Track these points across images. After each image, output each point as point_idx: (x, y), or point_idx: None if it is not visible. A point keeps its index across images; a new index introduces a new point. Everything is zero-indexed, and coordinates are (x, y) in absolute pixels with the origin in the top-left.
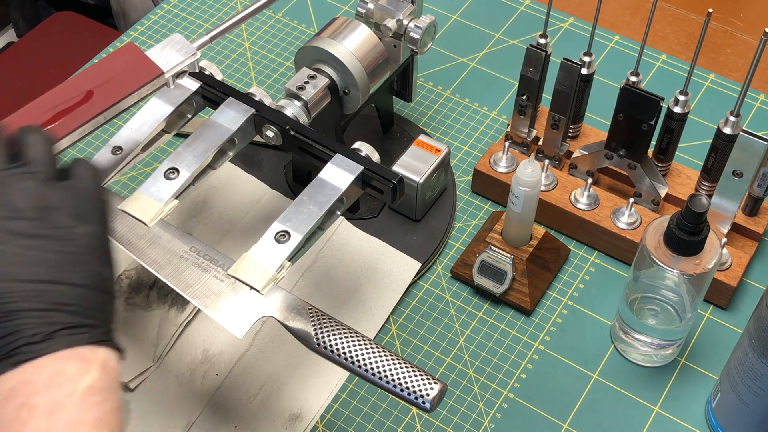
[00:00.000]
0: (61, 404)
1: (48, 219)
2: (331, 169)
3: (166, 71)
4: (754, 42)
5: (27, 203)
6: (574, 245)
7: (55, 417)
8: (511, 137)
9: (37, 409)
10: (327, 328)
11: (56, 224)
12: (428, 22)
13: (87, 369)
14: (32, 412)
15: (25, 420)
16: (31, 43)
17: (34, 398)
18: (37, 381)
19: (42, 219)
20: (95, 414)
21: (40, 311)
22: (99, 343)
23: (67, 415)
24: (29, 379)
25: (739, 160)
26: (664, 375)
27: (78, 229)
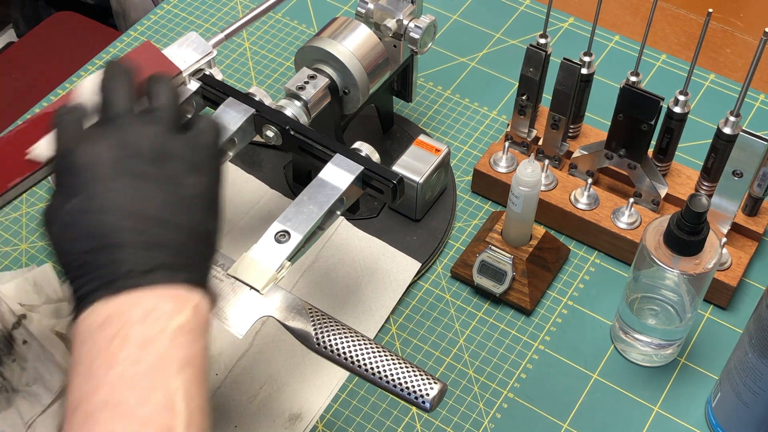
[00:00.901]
0: (153, 338)
1: (164, 164)
2: (331, 169)
3: (184, 69)
4: (754, 42)
5: (147, 146)
6: (574, 245)
7: (146, 350)
8: (511, 137)
9: (130, 339)
10: (327, 328)
11: (171, 170)
12: (428, 22)
13: (181, 309)
14: (125, 342)
15: (116, 349)
16: (31, 43)
17: (128, 329)
18: (132, 313)
19: (159, 163)
20: (184, 352)
21: (144, 247)
22: (194, 286)
23: (157, 350)
24: (125, 310)
25: (739, 160)
26: (664, 375)
27: (191, 179)
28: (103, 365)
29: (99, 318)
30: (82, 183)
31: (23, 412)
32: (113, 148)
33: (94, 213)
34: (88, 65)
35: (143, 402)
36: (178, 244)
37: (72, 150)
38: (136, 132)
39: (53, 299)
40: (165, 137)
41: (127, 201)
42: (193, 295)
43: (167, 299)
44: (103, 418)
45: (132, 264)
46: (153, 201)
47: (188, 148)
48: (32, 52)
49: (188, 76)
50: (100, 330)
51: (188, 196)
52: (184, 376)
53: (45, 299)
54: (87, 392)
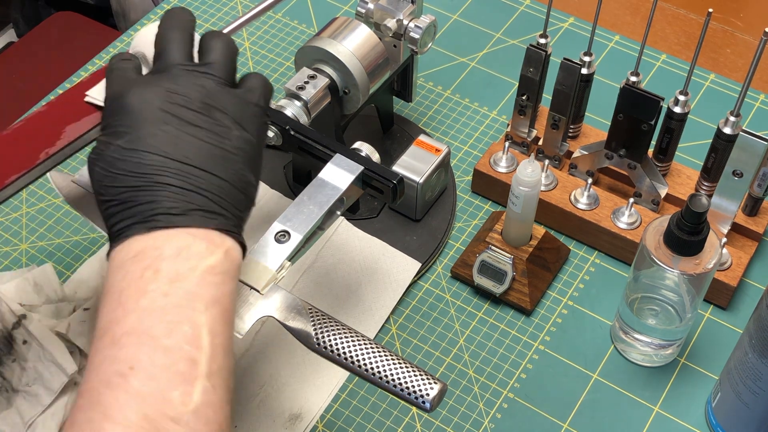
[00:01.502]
0: (183, 275)
1: (211, 115)
2: (331, 169)
3: None
4: (754, 42)
5: (197, 96)
6: (574, 245)
7: (176, 285)
8: (511, 137)
9: (161, 273)
10: (327, 328)
11: (217, 122)
12: (428, 22)
13: (212, 251)
14: (156, 275)
15: (148, 280)
16: (31, 43)
17: (160, 263)
18: (165, 249)
19: (206, 114)
20: (212, 292)
21: (182, 189)
22: (227, 232)
23: (186, 286)
24: (159, 245)
25: (739, 160)
26: (664, 375)
27: (235, 132)
28: (134, 294)
29: (133, 250)
30: (130, 124)
31: (23, 412)
32: (164, 94)
33: (139, 153)
34: (88, 65)
35: (169, 333)
36: (216, 191)
37: (124, 93)
38: (187, 82)
39: (53, 299)
40: (215, 90)
41: (173, 145)
42: (226, 240)
43: (200, 240)
44: (129, 343)
45: (170, 204)
46: (197, 148)
47: (236, 104)
48: (32, 52)
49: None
50: (133, 261)
51: (231, 148)
52: (210, 314)
53: (45, 299)
54: (116, 318)
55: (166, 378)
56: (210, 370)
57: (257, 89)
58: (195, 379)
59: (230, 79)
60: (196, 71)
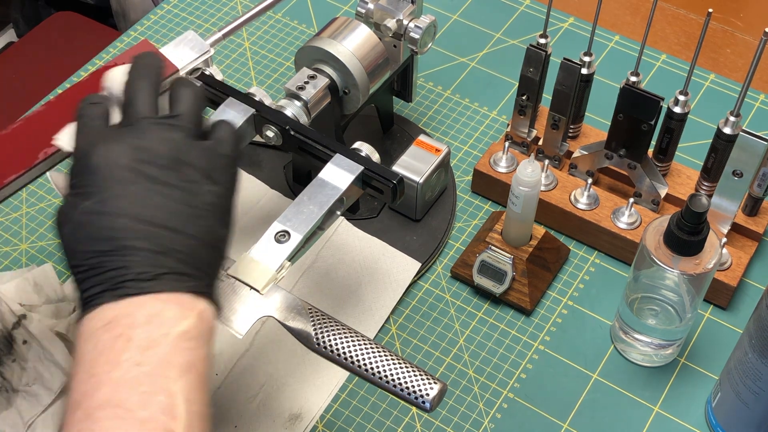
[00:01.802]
0: (156, 342)
1: (180, 171)
2: (331, 169)
3: (181, 68)
4: (754, 42)
5: (165, 152)
6: (574, 245)
7: (149, 352)
8: (511, 137)
9: (133, 342)
10: (327, 328)
11: (187, 178)
12: (428, 22)
13: (185, 315)
14: (128, 344)
15: (120, 350)
16: (31, 43)
17: (132, 332)
18: (137, 316)
19: (175, 170)
20: (186, 358)
21: (152, 252)
22: (200, 294)
23: (159, 353)
24: (130, 313)
25: (739, 160)
26: (664, 375)
27: (206, 187)
28: (106, 365)
29: (104, 319)
30: (97, 184)
31: (23, 412)
32: (132, 151)
33: (107, 216)
34: (88, 65)
35: (144, 404)
36: (188, 251)
37: (90, 150)
38: (155, 137)
39: (53, 299)
40: (184, 144)
41: (141, 206)
42: (199, 303)
43: (172, 305)
44: (103, 416)
45: (140, 269)
46: (166, 208)
47: (206, 157)
48: (32, 52)
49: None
50: (105, 330)
51: (202, 205)
52: (185, 381)
53: (45, 299)
54: (88, 390)
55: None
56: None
57: (227, 140)
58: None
59: (199, 131)
60: (164, 124)
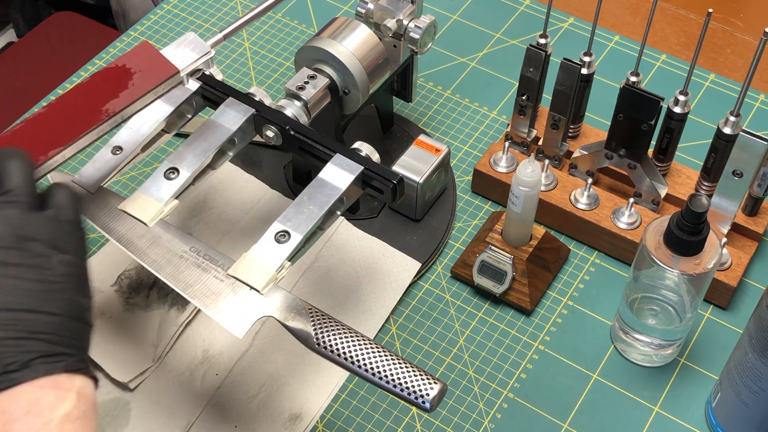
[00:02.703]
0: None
1: (26, 248)
2: (331, 169)
3: (182, 69)
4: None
5: (5, 232)
6: (574, 245)
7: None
8: (511, 137)
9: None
10: (327, 328)
11: (34, 253)
12: (428, 22)
13: (64, 397)
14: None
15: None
16: (31, 43)
17: (12, 426)
18: (14, 410)
19: (20, 248)
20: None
21: (16, 339)
22: (75, 371)
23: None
24: (6, 408)
25: (739, 160)
26: (664, 375)
27: (55, 258)
28: None
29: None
30: None
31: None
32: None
33: None
34: (88, 65)
35: None
36: (53, 330)
37: None
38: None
39: None
40: (23, 220)
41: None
42: (75, 381)
43: (49, 389)
44: None
45: (8, 360)
46: (21, 289)
47: (49, 228)
48: (32, 52)
49: (186, 76)
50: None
51: (56, 279)
52: None
53: None
54: None
55: None
56: None
57: (66, 205)
58: None
59: (35, 202)
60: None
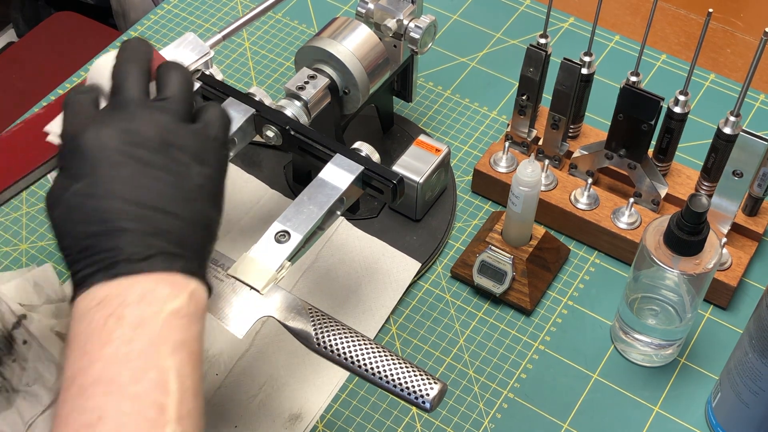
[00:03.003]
0: (148, 320)
1: (170, 154)
2: (331, 169)
3: None
4: (754, 42)
5: (154, 135)
6: (574, 245)
7: (140, 330)
8: (511, 137)
9: (125, 320)
10: (327, 328)
11: (176, 160)
12: (428, 22)
13: (176, 294)
14: (120, 322)
15: (111, 328)
16: (31, 43)
17: (123, 310)
18: (129, 295)
19: (165, 153)
20: (177, 335)
21: (144, 234)
22: (191, 274)
23: (150, 331)
24: (122, 293)
25: (739, 160)
26: (664, 375)
27: (195, 169)
28: (98, 343)
29: (96, 298)
30: (87, 167)
31: (23, 412)
32: (121, 134)
33: (98, 198)
34: (88, 65)
35: (136, 379)
36: (178, 232)
37: (79, 133)
38: (145, 120)
39: (53, 299)
40: (173, 127)
41: (132, 188)
42: (190, 282)
43: (164, 284)
44: (96, 392)
45: (132, 250)
46: (156, 189)
47: (195, 139)
48: (32, 52)
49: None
50: (96, 309)
51: (192, 187)
52: (177, 358)
53: (45, 299)
54: (82, 367)
55: (135, 426)
56: (179, 414)
57: (215, 122)
58: (164, 424)
59: (188, 114)
60: (153, 107)
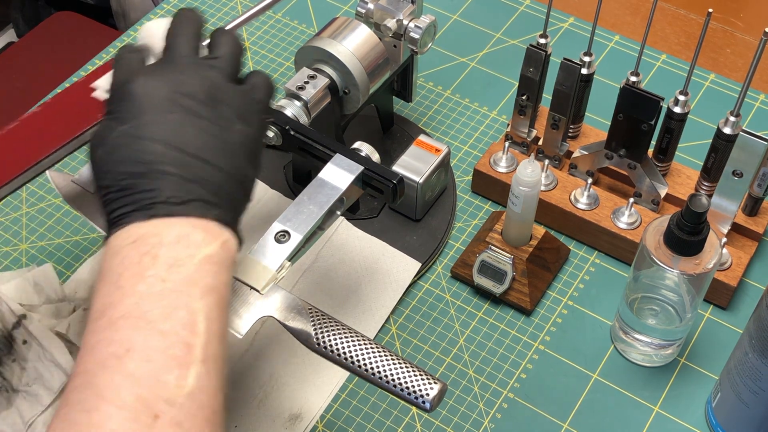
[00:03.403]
0: (181, 261)
1: (215, 108)
2: (331, 169)
3: None
4: (754, 42)
5: (202, 88)
6: (574, 245)
7: (174, 270)
8: (511, 137)
9: (160, 259)
10: (327, 328)
11: (221, 115)
12: (428, 22)
13: (210, 241)
14: (155, 261)
15: (146, 266)
16: (31, 43)
17: (159, 250)
18: (164, 236)
19: (210, 106)
20: (208, 280)
21: (183, 179)
22: (225, 224)
23: (184, 272)
24: (158, 233)
25: (739, 160)
26: (664, 375)
27: (238, 126)
28: (132, 278)
29: (132, 236)
30: (135, 110)
31: (23, 412)
32: (170, 83)
33: (142, 140)
34: (88, 65)
35: (166, 317)
36: (216, 183)
37: (129, 80)
38: (194, 74)
39: (53, 299)
40: (220, 84)
41: (176, 134)
42: (224, 232)
43: (199, 229)
44: (126, 326)
45: (170, 193)
46: (199, 139)
47: (240, 99)
48: (32, 52)
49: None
50: (132, 247)
51: (233, 141)
52: (207, 301)
53: (45, 299)
54: (113, 301)
55: (162, 361)
56: (205, 356)
57: (261, 87)
58: (190, 363)
59: (235, 75)
60: (203, 64)
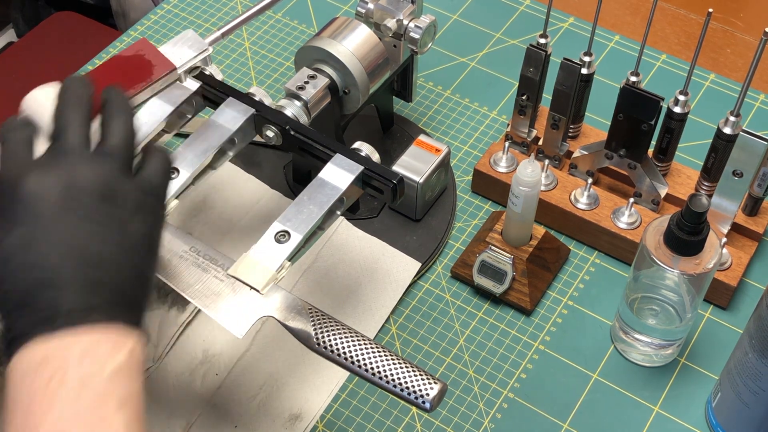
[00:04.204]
0: (91, 378)
1: (111, 205)
2: (331, 169)
3: (179, 66)
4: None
5: (96, 187)
6: (574, 245)
7: (84, 391)
8: (511, 137)
9: (68, 380)
10: (327, 328)
11: (117, 212)
12: (428, 22)
13: (117, 350)
14: (62, 383)
15: (55, 389)
16: (31, 43)
17: (66, 370)
18: (70, 354)
19: (106, 204)
20: (121, 393)
21: (83, 287)
22: (133, 326)
23: (95, 389)
24: (62, 351)
25: (739, 160)
26: (664, 375)
27: (135, 223)
28: (42, 405)
29: (36, 358)
30: (26, 216)
31: None
32: (61, 184)
33: (35, 249)
34: (87, 65)
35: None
36: (118, 285)
37: (18, 182)
38: (86, 170)
39: None
40: (115, 178)
41: (72, 239)
42: (130, 336)
43: (105, 341)
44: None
45: (71, 304)
46: (96, 242)
47: (135, 192)
48: (32, 52)
49: (183, 73)
50: (38, 371)
51: (131, 240)
52: (124, 413)
53: None
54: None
55: None
56: None
57: (158, 172)
58: None
59: (130, 164)
60: (95, 157)
